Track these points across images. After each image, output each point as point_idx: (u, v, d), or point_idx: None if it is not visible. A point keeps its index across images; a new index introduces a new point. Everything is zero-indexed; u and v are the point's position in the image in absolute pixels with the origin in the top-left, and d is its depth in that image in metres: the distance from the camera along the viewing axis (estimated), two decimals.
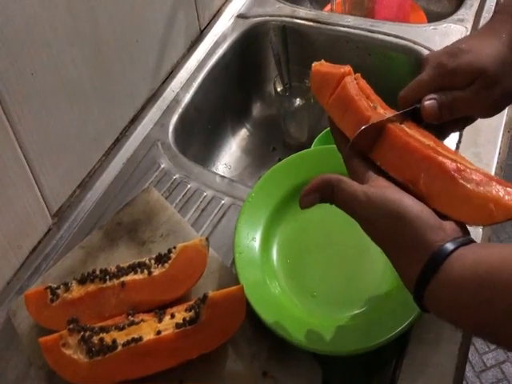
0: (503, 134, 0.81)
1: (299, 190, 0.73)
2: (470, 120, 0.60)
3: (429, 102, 0.55)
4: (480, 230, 0.70)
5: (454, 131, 0.60)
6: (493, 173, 0.77)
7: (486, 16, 1.01)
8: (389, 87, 1.04)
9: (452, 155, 0.50)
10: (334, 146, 0.78)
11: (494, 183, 0.46)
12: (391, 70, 1.02)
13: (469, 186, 0.46)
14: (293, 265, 0.70)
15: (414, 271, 0.44)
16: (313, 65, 0.62)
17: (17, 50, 0.66)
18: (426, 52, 0.96)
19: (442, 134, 0.60)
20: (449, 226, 0.45)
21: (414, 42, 0.98)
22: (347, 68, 0.58)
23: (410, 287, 0.45)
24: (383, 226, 0.46)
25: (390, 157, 0.51)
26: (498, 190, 0.45)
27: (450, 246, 0.43)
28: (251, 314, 0.62)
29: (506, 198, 0.45)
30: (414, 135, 0.52)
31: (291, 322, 0.62)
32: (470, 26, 1.00)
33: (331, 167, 0.73)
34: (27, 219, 0.75)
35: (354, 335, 0.61)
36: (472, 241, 0.45)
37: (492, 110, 0.57)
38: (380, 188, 0.48)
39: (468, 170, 0.47)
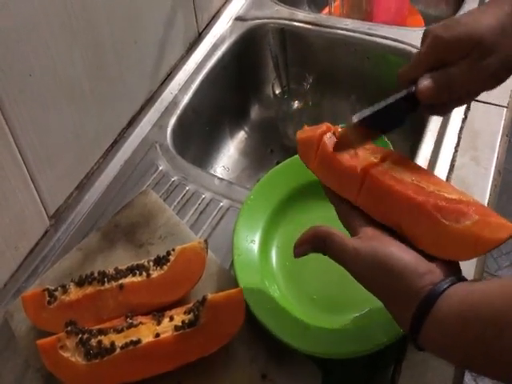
0: (501, 139, 0.81)
1: (298, 193, 0.75)
2: (472, 95, 0.58)
3: (424, 83, 0.54)
4: None
5: (455, 107, 0.59)
6: (491, 177, 0.77)
7: None
8: (387, 90, 1.04)
9: (436, 186, 0.50)
10: None
11: (474, 215, 0.46)
12: (389, 73, 1.02)
13: (449, 223, 0.46)
14: (292, 267, 0.70)
15: (407, 317, 0.45)
16: (297, 134, 0.61)
17: (15, 51, 0.66)
18: None
19: (443, 112, 0.60)
20: (437, 268, 0.46)
21: (412, 46, 0.99)
22: (324, 126, 0.58)
23: (405, 331, 0.46)
24: (373, 278, 0.48)
25: (373, 203, 0.52)
26: (478, 223, 0.46)
27: (438, 289, 0.44)
28: (250, 317, 0.62)
29: (486, 230, 0.45)
30: (395, 175, 0.52)
31: (290, 324, 0.62)
32: None
33: None
34: (24, 220, 0.74)
35: (354, 338, 0.61)
36: (461, 279, 0.46)
37: (491, 82, 0.55)
38: (368, 241, 0.49)
39: (447, 205, 0.47)
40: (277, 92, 1.04)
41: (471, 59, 0.53)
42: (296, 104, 1.05)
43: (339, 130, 0.58)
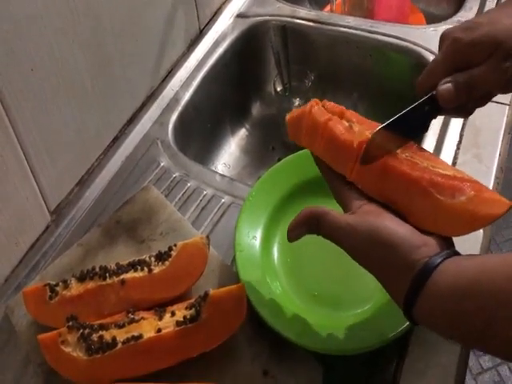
0: (504, 136, 0.81)
1: (299, 189, 0.75)
2: (492, 95, 0.57)
3: (444, 86, 0.52)
4: (481, 230, 0.70)
5: (477, 108, 0.58)
6: (493, 175, 0.77)
7: None
8: (389, 88, 1.05)
9: (430, 162, 0.50)
10: None
11: (469, 191, 0.46)
12: (391, 70, 1.02)
13: (444, 199, 0.47)
14: (293, 264, 0.70)
15: (401, 290, 0.45)
16: (286, 117, 0.61)
17: (17, 46, 0.66)
18: (425, 53, 0.97)
19: (464, 114, 0.58)
20: (432, 241, 0.46)
21: (414, 43, 0.99)
22: (313, 102, 0.58)
23: (399, 305, 0.47)
24: (369, 253, 0.48)
25: (369, 179, 0.52)
26: (473, 199, 0.46)
27: (433, 261, 0.44)
28: (252, 313, 0.62)
29: (481, 206, 0.45)
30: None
31: (292, 321, 0.62)
32: None
33: None
34: (25, 216, 0.74)
35: (355, 334, 0.61)
36: (456, 253, 0.46)
37: (510, 87, 0.54)
38: (362, 215, 0.49)
39: (442, 181, 0.47)
40: (278, 89, 1.04)
41: (493, 61, 0.52)
42: (297, 101, 1.05)
43: (328, 104, 0.58)
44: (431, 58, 0.95)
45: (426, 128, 0.56)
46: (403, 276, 0.45)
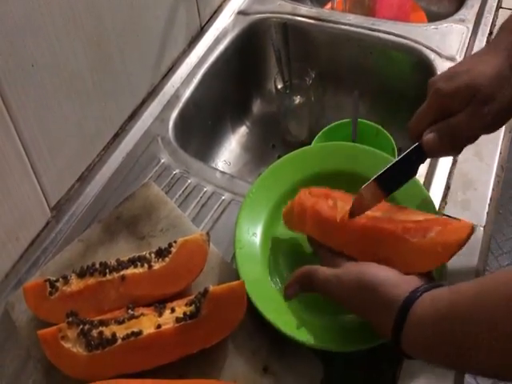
0: (504, 134, 0.81)
1: (300, 186, 0.75)
2: (475, 139, 0.61)
3: (428, 136, 0.58)
4: (481, 229, 0.70)
5: (465, 146, 0.62)
6: (493, 172, 0.77)
7: (488, 16, 1.01)
8: (390, 86, 1.05)
9: (405, 216, 0.59)
10: (335, 143, 0.80)
11: (436, 227, 0.55)
12: (392, 68, 1.02)
13: (417, 240, 0.55)
14: (294, 261, 0.70)
15: (388, 325, 0.50)
16: (282, 212, 0.69)
17: (17, 41, 0.66)
18: (427, 51, 0.96)
19: (454, 154, 0.65)
20: (412, 278, 0.52)
21: (415, 42, 0.98)
22: (301, 191, 0.67)
23: (388, 340, 0.51)
24: (356, 297, 0.54)
25: (352, 243, 0.60)
26: (441, 232, 0.54)
27: (412, 295, 0.49)
28: (252, 310, 0.61)
29: (448, 235, 0.53)
30: (369, 215, 0.61)
31: (292, 318, 0.62)
32: (471, 26, 1.00)
33: (331, 164, 0.74)
34: (26, 211, 0.74)
35: (355, 332, 0.61)
36: (435, 286, 0.50)
37: (492, 127, 0.59)
38: (348, 267, 0.56)
39: (414, 226, 0.56)
40: (279, 87, 1.04)
41: (472, 107, 0.56)
42: (298, 99, 1.05)
43: (314, 189, 0.67)
44: (432, 56, 0.95)
45: (414, 173, 0.62)
46: (387, 313, 0.49)
